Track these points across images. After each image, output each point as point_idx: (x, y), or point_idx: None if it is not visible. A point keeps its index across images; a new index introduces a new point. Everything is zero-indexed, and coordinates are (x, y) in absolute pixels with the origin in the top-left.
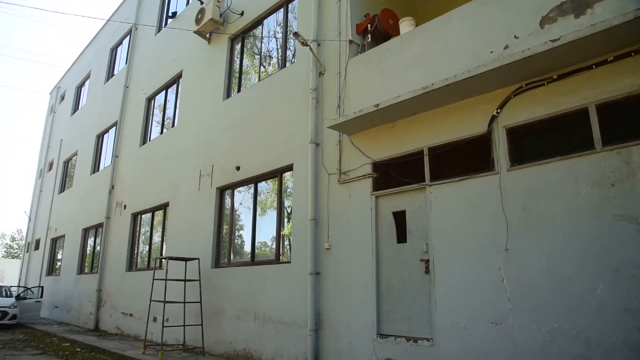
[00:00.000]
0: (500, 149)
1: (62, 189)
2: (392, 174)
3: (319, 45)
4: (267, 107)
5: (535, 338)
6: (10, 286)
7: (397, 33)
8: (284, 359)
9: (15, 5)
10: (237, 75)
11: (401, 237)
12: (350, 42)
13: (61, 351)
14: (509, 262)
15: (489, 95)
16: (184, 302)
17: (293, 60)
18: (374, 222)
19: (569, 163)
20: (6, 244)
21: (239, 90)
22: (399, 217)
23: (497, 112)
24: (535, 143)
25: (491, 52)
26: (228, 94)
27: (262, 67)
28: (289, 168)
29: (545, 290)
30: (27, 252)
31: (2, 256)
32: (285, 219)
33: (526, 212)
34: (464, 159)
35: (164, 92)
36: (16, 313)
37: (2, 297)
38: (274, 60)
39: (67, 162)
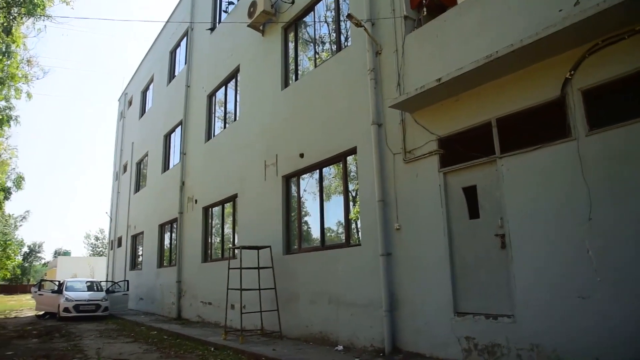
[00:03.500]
0: (577, 114)
1: (137, 188)
2: (460, 149)
3: (373, 24)
4: (326, 92)
5: (629, 311)
6: (100, 281)
7: (454, 3)
8: (360, 340)
9: (85, 20)
10: (293, 63)
11: (473, 212)
12: (406, 17)
13: (150, 339)
14: (594, 233)
15: (560, 57)
16: (259, 289)
17: (346, 43)
18: (444, 199)
19: None
20: (91, 243)
21: (296, 79)
22: (470, 193)
23: (571, 74)
24: (617, 104)
25: (560, 10)
26: (286, 83)
27: (316, 53)
28: (353, 151)
29: (638, 261)
30: (111, 249)
31: (90, 254)
32: (351, 203)
33: (610, 179)
34: (536, 127)
35: (223, 87)
36: (107, 305)
37: (94, 291)
38: (328, 45)
39: (139, 163)
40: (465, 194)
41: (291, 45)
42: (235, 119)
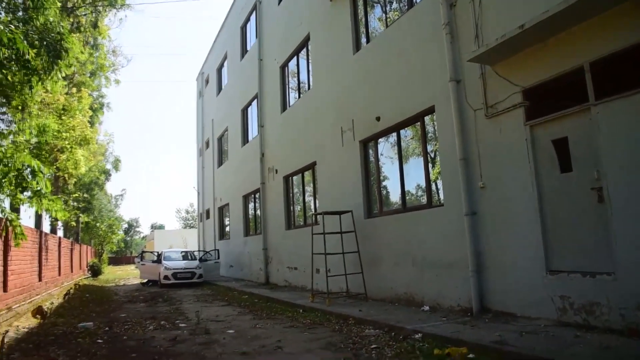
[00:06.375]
0: None
1: (220, 162)
2: (547, 99)
3: None
4: (399, 52)
5: None
6: (193, 251)
7: None
8: (446, 300)
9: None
10: (364, 26)
11: (565, 166)
12: None
13: (242, 302)
14: None
15: None
16: (343, 253)
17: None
18: (531, 153)
19: None
20: (182, 216)
21: (367, 42)
22: (560, 145)
23: None
24: None
25: None
26: (357, 47)
27: (386, 13)
28: (430, 110)
29: None
30: (201, 221)
31: (182, 227)
32: (430, 164)
33: None
34: (638, 68)
35: (295, 57)
36: (201, 273)
37: (189, 260)
38: (397, 4)
39: (220, 139)
40: (555, 147)
41: (360, 8)
42: (308, 88)
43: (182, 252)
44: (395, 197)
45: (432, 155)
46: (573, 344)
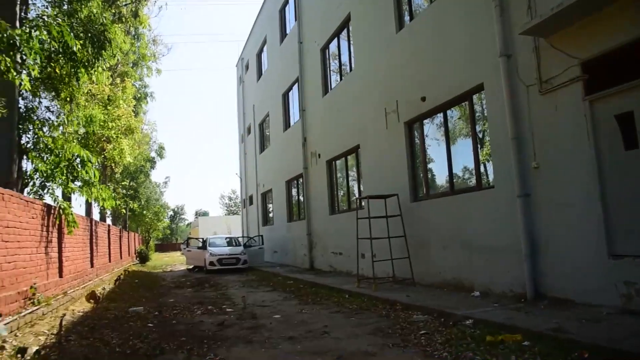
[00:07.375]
0: None
1: (262, 148)
2: (609, 71)
3: None
4: (444, 28)
5: None
6: (237, 237)
7: None
8: (498, 286)
9: None
10: (406, 3)
11: (630, 142)
12: None
13: (287, 288)
14: None
15: None
16: (389, 237)
17: None
18: (590, 130)
19: None
20: (225, 203)
21: (411, 19)
22: (624, 120)
23: None
24: None
25: None
26: (400, 26)
27: None
28: (479, 88)
29: None
30: (244, 207)
31: (225, 213)
32: (478, 144)
33: None
34: None
35: (335, 39)
36: (246, 259)
37: (233, 246)
38: None
39: (262, 124)
40: (619, 123)
41: None
42: (350, 70)
43: (226, 238)
44: (442, 179)
45: (481, 135)
46: None
